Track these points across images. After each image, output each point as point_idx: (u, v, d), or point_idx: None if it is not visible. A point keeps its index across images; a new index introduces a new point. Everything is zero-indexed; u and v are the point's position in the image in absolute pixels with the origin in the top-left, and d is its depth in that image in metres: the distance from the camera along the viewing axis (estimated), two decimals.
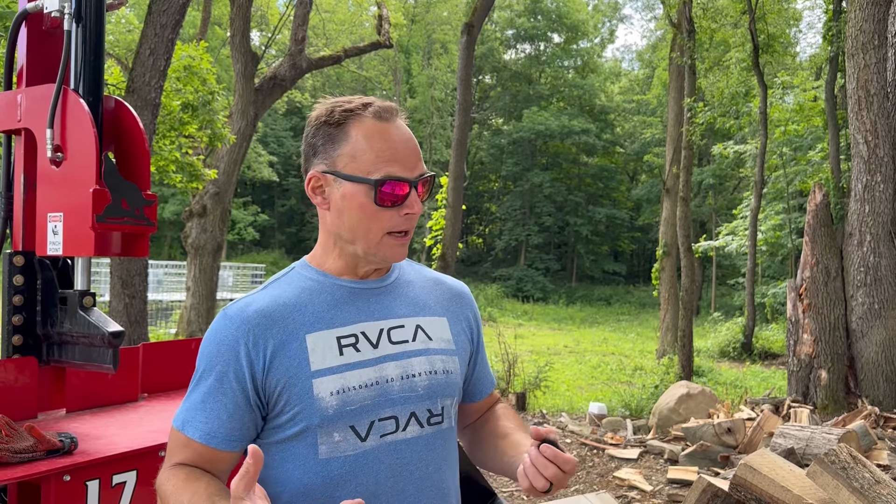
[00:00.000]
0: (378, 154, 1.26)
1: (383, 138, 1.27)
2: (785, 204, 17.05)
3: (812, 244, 7.15)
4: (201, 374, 1.29)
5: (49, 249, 2.39)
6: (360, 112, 1.28)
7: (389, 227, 1.29)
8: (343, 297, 1.33)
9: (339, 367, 1.26)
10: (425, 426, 1.32)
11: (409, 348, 1.33)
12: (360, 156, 1.26)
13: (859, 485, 2.34)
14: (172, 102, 8.37)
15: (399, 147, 1.28)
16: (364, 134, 1.27)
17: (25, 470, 1.94)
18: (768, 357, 14.83)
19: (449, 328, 1.42)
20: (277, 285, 1.35)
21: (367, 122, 1.27)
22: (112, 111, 2.52)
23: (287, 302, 1.30)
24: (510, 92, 38.82)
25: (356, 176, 1.26)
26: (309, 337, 1.27)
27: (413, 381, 1.31)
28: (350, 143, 1.27)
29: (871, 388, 6.76)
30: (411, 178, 1.28)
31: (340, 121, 1.28)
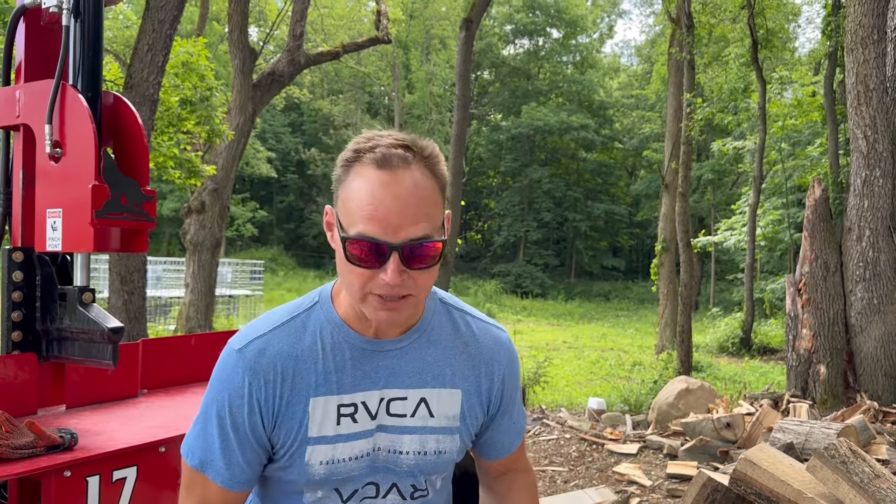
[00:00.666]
0: (359, 207, 1.13)
1: (371, 191, 1.12)
2: (783, 199, 17.06)
3: (811, 239, 7.15)
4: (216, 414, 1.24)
5: (48, 245, 2.38)
6: (366, 153, 1.15)
7: (370, 288, 1.16)
8: (353, 358, 1.25)
9: (333, 438, 1.24)
10: (407, 499, 1.32)
11: (404, 423, 1.28)
12: (347, 204, 1.15)
13: (859, 479, 2.34)
14: (171, 98, 8.36)
15: (384, 204, 1.11)
16: (358, 180, 1.14)
17: (26, 466, 1.94)
18: (767, 352, 14.85)
19: (461, 401, 1.32)
20: (293, 329, 1.26)
21: (366, 166, 1.14)
22: (111, 107, 2.51)
23: (300, 354, 1.24)
24: (509, 87, 38.79)
25: (339, 224, 1.17)
26: (312, 401, 1.23)
27: (398, 458, 1.29)
28: (347, 186, 1.16)
29: (870, 383, 6.77)
30: (391, 241, 1.11)
31: (350, 159, 1.17)
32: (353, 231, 1.13)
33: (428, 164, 1.16)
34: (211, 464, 1.24)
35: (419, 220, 1.13)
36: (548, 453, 5.82)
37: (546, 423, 6.65)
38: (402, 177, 1.13)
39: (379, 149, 1.14)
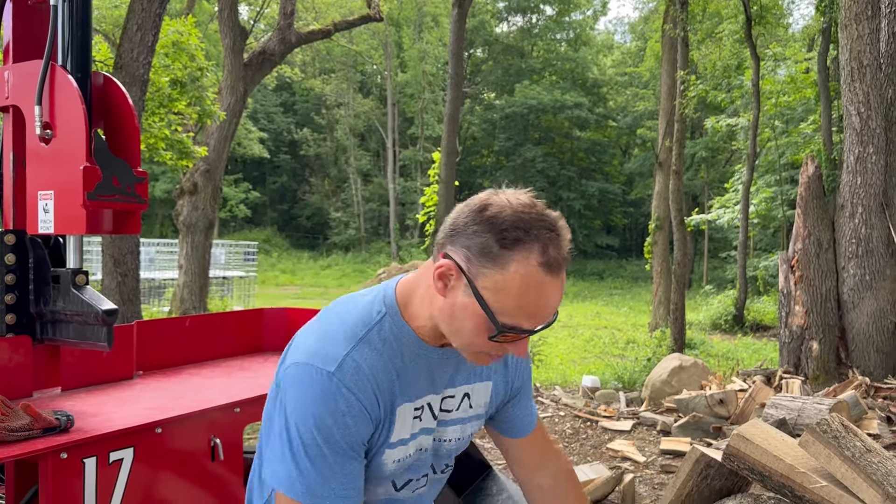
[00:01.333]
0: (523, 307, 1.17)
1: (539, 294, 1.16)
2: (777, 176, 17.08)
3: (804, 216, 7.17)
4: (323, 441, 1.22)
5: (40, 228, 2.37)
6: (532, 249, 1.14)
7: (485, 351, 1.23)
8: (425, 367, 1.32)
9: (407, 439, 1.33)
10: (437, 474, 1.47)
11: (452, 416, 1.40)
12: (505, 295, 1.16)
13: (850, 453, 2.37)
14: (161, 79, 8.28)
15: (547, 308, 1.18)
16: (524, 278, 1.14)
17: (22, 448, 1.94)
18: (760, 329, 14.95)
19: (490, 391, 1.45)
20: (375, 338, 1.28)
21: (533, 266, 1.14)
22: (101, 87, 2.49)
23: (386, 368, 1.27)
24: (502, 65, 38.56)
25: (488, 308, 1.17)
26: (399, 408, 1.29)
27: (443, 445, 1.42)
28: (505, 275, 1.15)
29: (862, 359, 6.83)
30: (533, 328, 1.19)
31: (510, 244, 1.14)
32: (511, 322, 1.17)
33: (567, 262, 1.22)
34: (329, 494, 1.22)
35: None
36: None
37: (541, 401, 6.70)
38: (561, 281, 1.19)
39: (550, 249, 1.16)
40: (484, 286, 1.16)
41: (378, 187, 36.87)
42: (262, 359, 3.38)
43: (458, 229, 1.19)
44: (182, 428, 2.38)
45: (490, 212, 1.16)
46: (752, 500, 2.54)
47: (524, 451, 1.56)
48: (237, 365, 3.21)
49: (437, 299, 1.23)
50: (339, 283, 26.47)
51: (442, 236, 1.23)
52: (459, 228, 1.19)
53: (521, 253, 1.14)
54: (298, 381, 1.23)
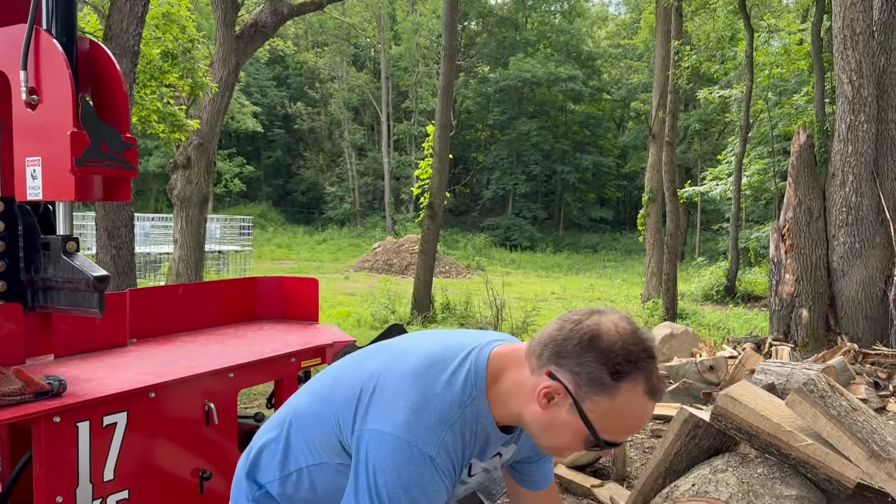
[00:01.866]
0: (624, 427, 1.30)
1: (640, 417, 1.30)
2: (769, 148, 17.07)
3: (795, 185, 7.19)
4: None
5: (29, 194, 2.36)
6: (639, 380, 1.26)
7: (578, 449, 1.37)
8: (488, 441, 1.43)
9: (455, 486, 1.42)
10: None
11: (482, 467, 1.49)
12: (612, 419, 1.28)
13: (836, 412, 2.40)
14: (152, 51, 8.19)
15: (640, 425, 1.32)
16: (631, 405, 1.27)
17: (14, 412, 1.96)
18: (751, 300, 15.04)
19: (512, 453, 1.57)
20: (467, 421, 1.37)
21: (640, 394, 1.27)
22: (87, 53, 2.47)
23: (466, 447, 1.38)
24: (496, 38, 38.25)
25: (594, 428, 1.29)
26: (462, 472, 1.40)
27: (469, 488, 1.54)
28: (614, 403, 1.26)
29: (851, 326, 6.89)
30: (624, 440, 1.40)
31: (621, 377, 1.25)
32: (612, 439, 1.30)
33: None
34: None
35: None
36: None
37: None
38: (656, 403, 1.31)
39: (653, 378, 1.27)
40: (591, 409, 1.27)
41: (373, 161, 36.73)
42: (256, 327, 3.40)
43: (566, 353, 1.28)
44: (176, 393, 2.40)
45: (602, 344, 1.26)
46: (740, 459, 2.58)
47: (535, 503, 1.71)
48: (231, 333, 3.22)
49: (534, 409, 1.33)
50: (334, 257, 26.47)
51: (544, 352, 1.31)
52: (568, 353, 1.28)
53: (630, 384, 1.25)
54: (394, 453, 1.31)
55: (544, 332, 1.33)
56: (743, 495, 2.35)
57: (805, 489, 2.45)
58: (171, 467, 2.40)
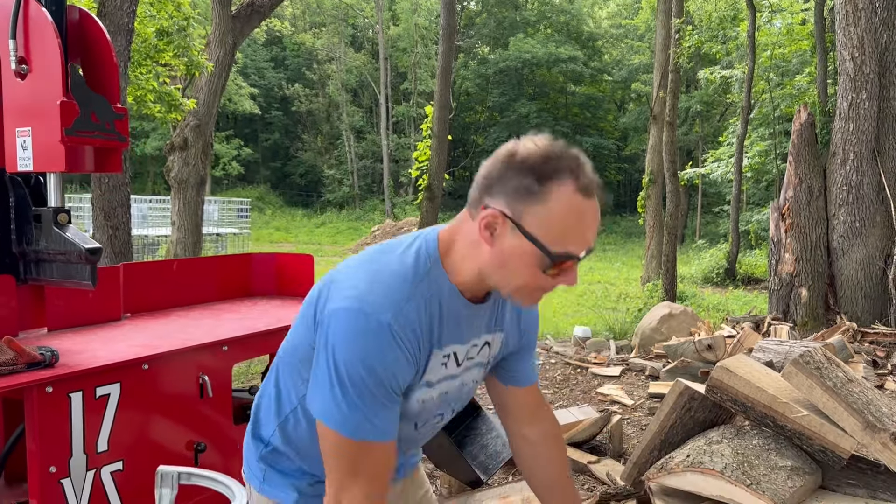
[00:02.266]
0: (569, 232, 1.26)
1: (580, 217, 1.26)
2: (771, 129, 16.99)
3: (796, 164, 7.15)
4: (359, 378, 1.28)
5: (19, 165, 2.34)
6: (567, 177, 1.24)
7: (539, 286, 1.31)
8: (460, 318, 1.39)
9: (433, 383, 1.40)
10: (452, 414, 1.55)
11: (473, 362, 1.48)
12: (551, 225, 1.24)
13: (832, 383, 2.40)
14: (146, 29, 8.13)
15: (589, 231, 1.28)
16: (565, 205, 1.24)
17: (6, 382, 1.95)
18: (751, 282, 15.03)
19: (500, 342, 1.54)
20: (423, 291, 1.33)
21: (571, 192, 1.24)
22: (77, 22, 2.44)
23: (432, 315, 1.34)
24: (496, 18, 37.97)
25: (538, 241, 1.25)
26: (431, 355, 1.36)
27: (463, 388, 1.50)
28: (547, 206, 1.24)
29: (850, 305, 6.88)
30: (582, 255, 1.29)
31: (546, 177, 1.24)
32: (561, 249, 1.25)
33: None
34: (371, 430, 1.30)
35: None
36: None
37: None
38: (597, 205, 1.29)
39: (581, 175, 1.25)
40: (530, 224, 1.24)
41: (371, 144, 36.60)
42: (251, 302, 3.39)
43: (492, 180, 1.27)
44: (169, 365, 2.39)
45: (519, 156, 1.25)
46: (735, 431, 2.57)
47: (519, 402, 1.65)
48: (226, 308, 3.21)
49: (484, 251, 1.30)
50: (333, 240, 26.44)
51: (476, 192, 1.30)
52: (493, 179, 1.27)
53: (557, 183, 1.23)
54: (351, 325, 1.27)
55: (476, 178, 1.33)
56: (738, 466, 2.34)
57: (800, 460, 2.45)
58: (165, 439, 2.40)
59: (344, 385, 1.27)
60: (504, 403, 1.66)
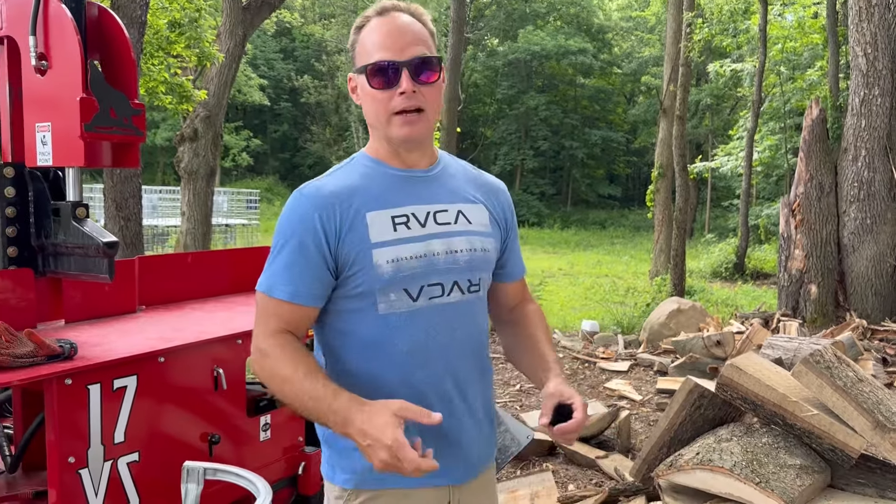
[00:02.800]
0: (371, 43, 1.47)
1: (377, 30, 1.47)
2: (781, 124, 16.90)
3: (807, 160, 7.13)
4: (283, 245, 1.48)
5: (39, 160, 2.37)
6: (370, 16, 1.50)
7: (391, 107, 1.46)
8: (395, 183, 1.53)
9: (393, 241, 1.47)
10: (466, 293, 1.55)
11: (452, 229, 1.54)
12: (362, 49, 1.49)
13: (842, 383, 2.41)
14: (159, 21, 8.16)
15: (388, 34, 1.46)
16: (367, 30, 1.49)
17: (27, 373, 1.98)
18: (760, 277, 15.00)
19: (487, 214, 1.62)
20: (342, 172, 1.55)
21: (371, 21, 1.49)
22: (95, 19, 2.46)
23: (351, 185, 1.50)
24: (506, 10, 37.81)
25: (358, 66, 1.49)
26: (369, 214, 1.47)
27: (455, 256, 1.53)
28: (360, 41, 1.50)
29: (860, 302, 6.87)
30: (399, 59, 1.44)
31: (360, 24, 1.51)
32: (369, 60, 1.46)
33: (416, 15, 1.52)
34: (277, 285, 1.47)
35: (418, 43, 1.47)
36: None
37: None
38: (399, 16, 1.49)
39: (378, 6, 1.50)
40: (356, 61, 1.51)
41: None
42: None
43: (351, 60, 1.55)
44: (184, 357, 2.42)
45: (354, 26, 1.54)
46: (745, 429, 2.59)
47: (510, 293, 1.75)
48: (240, 301, 3.24)
49: (364, 109, 1.52)
50: None
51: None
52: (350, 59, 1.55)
53: (366, 23, 1.50)
54: (286, 206, 1.52)
55: None
56: (747, 464, 2.36)
57: (809, 459, 2.46)
58: (180, 431, 2.43)
59: (272, 250, 1.49)
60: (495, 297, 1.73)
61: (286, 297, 1.46)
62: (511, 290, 1.75)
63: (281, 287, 1.46)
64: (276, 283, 1.47)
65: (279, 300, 1.47)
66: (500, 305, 1.75)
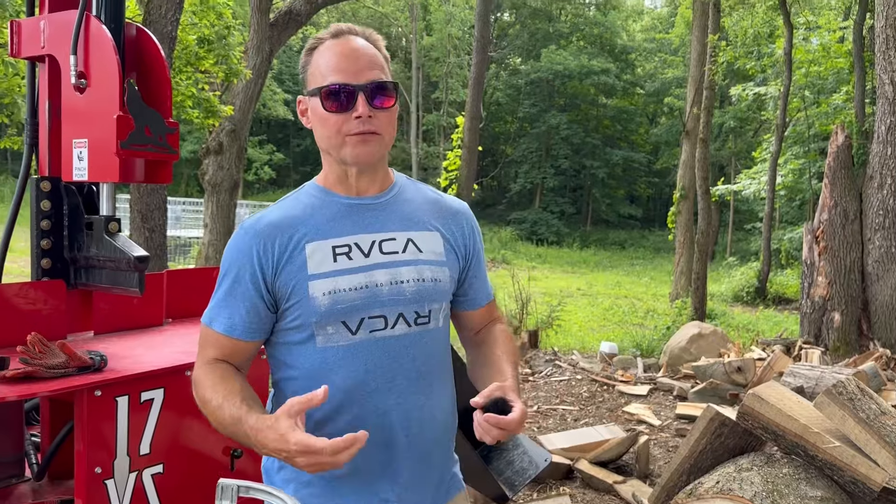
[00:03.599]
0: (326, 66, 1.44)
1: (332, 52, 1.45)
2: (805, 148, 16.80)
3: (831, 186, 7.09)
4: (223, 277, 1.49)
5: (75, 175, 2.43)
6: (324, 38, 1.48)
7: (346, 130, 1.44)
8: (341, 212, 1.49)
9: (331, 273, 1.44)
10: (412, 325, 1.48)
11: (398, 258, 1.48)
12: (316, 71, 1.46)
13: (865, 415, 2.39)
14: (188, 37, 8.30)
15: (343, 56, 1.44)
16: (320, 52, 1.46)
17: (59, 384, 2.02)
18: (782, 302, 14.85)
19: (441, 242, 1.55)
20: (288, 202, 1.53)
21: (325, 43, 1.47)
22: (134, 39, 2.53)
23: (294, 216, 1.48)
24: (529, 30, 38.01)
25: (311, 89, 1.46)
26: (308, 246, 1.44)
27: (401, 287, 1.47)
28: (313, 63, 1.47)
29: (884, 331, 6.79)
30: (355, 83, 1.42)
31: (312, 46, 1.49)
32: (323, 82, 1.43)
33: (371, 40, 1.50)
34: (216, 317, 1.48)
35: (374, 67, 1.45)
36: (559, 393, 5.93)
37: (558, 365, 6.76)
38: (353, 39, 1.47)
39: (335, 30, 1.48)
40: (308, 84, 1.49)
41: (401, 151, 36.79)
42: None
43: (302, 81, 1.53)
44: None
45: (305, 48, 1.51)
46: (765, 459, 2.57)
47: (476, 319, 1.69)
48: None
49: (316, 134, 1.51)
50: None
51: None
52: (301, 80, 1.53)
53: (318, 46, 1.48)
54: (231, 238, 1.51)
55: None
56: (767, 494, 2.35)
57: (830, 491, 2.45)
58: (203, 444, 2.46)
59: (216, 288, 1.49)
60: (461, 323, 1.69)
61: (222, 330, 1.47)
62: (476, 317, 1.69)
63: (219, 320, 1.47)
64: (215, 316, 1.48)
65: (217, 332, 1.48)
66: (465, 329, 1.71)
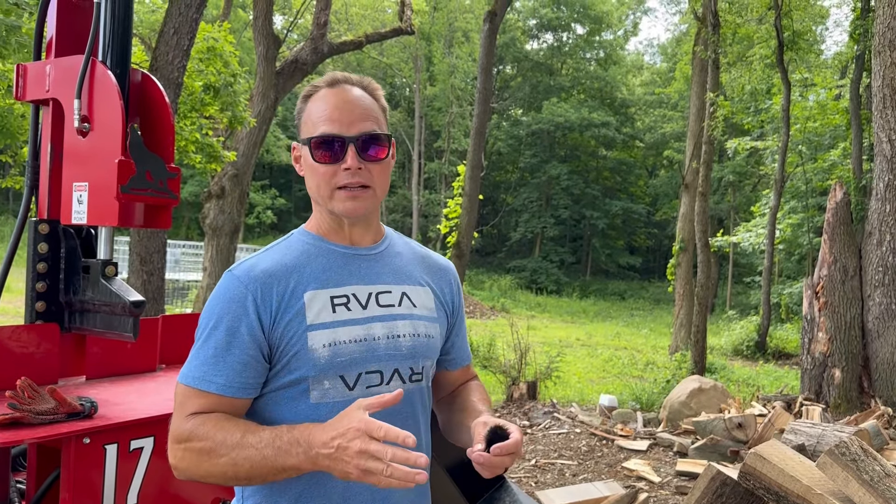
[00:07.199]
0: (318, 115, 1.41)
1: (325, 101, 1.41)
2: (803, 203, 16.91)
3: (830, 242, 7.10)
4: (211, 330, 1.35)
5: (74, 218, 2.43)
6: (320, 86, 1.45)
7: (335, 182, 1.40)
8: (336, 261, 1.44)
9: (331, 323, 1.37)
10: (407, 382, 1.44)
11: (395, 312, 1.44)
12: (308, 120, 1.43)
13: (869, 477, 2.34)
14: (194, 83, 8.42)
15: (336, 107, 1.40)
16: (314, 101, 1.43)
17: (47, 431, 1.98)
18: (782, 357, 14.75)
19: (433, 298, 1.53)
20: (278, 249, 1.45)
21: (320, 91, 1.43)
22: (138, 84, 2.55)
23: (288, 263, 1.41)
24: (531, 82, 38.64)
25: (303, 138, 1.43)
26: (306, 294, 1.38)
27: (398, 341, 1.43)
28: (307, 111, 1.44)
29: (885, 389, 6.72)
30: (346, 134, 1.38)
31: (308, 93, 1.46)
32: (314, 132, 1.40)
33: (369, 90, 1.47)
34: (205, 377, 1.33)
35: (368, 119, 1.42)
36: (557, 447, 5.84)
37: (557, 417, 6.67)
38: (349, 89, 1.43)
39: (330, 78, 1.45)
40: (301, 132, 1.46)
41: (402, 198, 37.03)
42: None
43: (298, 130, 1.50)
44: None
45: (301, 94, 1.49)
46: None
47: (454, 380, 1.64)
48: None
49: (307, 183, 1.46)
50: None
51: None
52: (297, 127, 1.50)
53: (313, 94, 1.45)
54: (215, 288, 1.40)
55: None
56: None
57: None
58: (191, 494, 2.40)
59: (198, 337, 1.36)
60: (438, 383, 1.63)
61: (216, 391, 1.32)
62: (455, 377, 1.65)
63: (211, 378, 1.32)
64: (205, 375, 1.32)
65: (206, 393, 1.32)
66: (442, 391, 1.65)
